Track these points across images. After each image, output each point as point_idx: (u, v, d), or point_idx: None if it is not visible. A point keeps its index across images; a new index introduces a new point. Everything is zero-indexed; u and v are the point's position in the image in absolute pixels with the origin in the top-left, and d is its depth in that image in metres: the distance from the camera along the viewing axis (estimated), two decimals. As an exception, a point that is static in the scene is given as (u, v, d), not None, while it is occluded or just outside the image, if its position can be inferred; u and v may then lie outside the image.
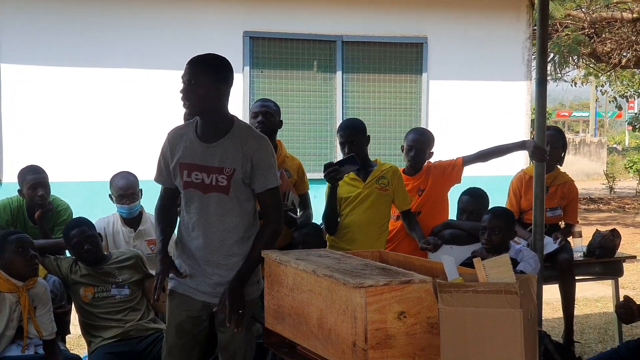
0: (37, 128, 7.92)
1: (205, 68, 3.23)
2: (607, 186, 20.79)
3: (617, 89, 23.57)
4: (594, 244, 5.26)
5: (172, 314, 3.49)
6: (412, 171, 4.75)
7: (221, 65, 3.29)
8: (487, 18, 9.12)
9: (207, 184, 3.30)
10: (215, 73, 3.24)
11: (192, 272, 3.42)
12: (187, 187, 3.35)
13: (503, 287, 2.36)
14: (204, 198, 3.32)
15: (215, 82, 3.23)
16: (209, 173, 3.29)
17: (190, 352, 3.49)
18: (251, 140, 3.29)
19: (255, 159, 3.27)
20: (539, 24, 4.63)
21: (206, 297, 3.40)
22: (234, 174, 3.27)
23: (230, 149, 3.27)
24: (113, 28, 8.08)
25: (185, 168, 3.33)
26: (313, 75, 8.66)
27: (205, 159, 3.29)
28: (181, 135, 3.39)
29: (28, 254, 3.76)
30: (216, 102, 3.26)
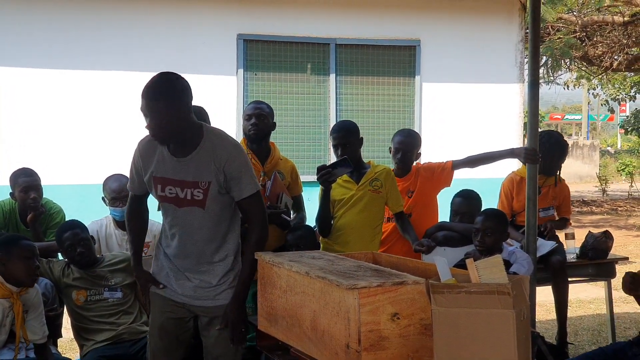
0: (30, 131, 7.89)
1: (167, 102, 3.12)
2: (600, 189, 20.87)
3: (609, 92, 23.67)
4: (586, 246, 5.28)
5: (155, 315, 3.49)
6: (400, 172, 4.75)
7: (179, 91, 3.17)
8: (480, 21, 9.13)
9: (181, 198, 3.27)
10: (178, 102, 3.14)
11: (173, 275, 3.41)
12: (162, 201, 3.36)
13: (496, 288, 2.37)
14: (178, 212, 3.31)
15: (179, 112, 3.14)
16: (183, 187, 3.26)
17: (175, 353, 3.49)
18: (222, 150, 3.23)
19: (228, 170, 3.23)
20: (530, 27, 4.65)
21: (188, 299, 3.39)
22: (209, 187, 3.24)
23: (202, 162, 3.23)
24: (107, 31, 8.07)
25: (159, 182, 3.30)
26: (307, 77, 8.66)
27: (179, 174, 3.26)
28: (153, 147, 3.32)
29: (33, 263, 3.74)
30: (180, 125, 3.17)
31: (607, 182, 21.37)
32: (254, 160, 4.37)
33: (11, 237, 3.91)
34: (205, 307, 3.38)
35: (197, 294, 3.36)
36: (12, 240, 3.83)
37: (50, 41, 7.92)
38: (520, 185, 5.04)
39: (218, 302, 3.37)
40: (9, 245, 3.75)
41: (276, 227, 4.36)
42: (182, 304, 3.41)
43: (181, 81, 3.20)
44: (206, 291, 3.36)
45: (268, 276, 3.34)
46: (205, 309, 3.38)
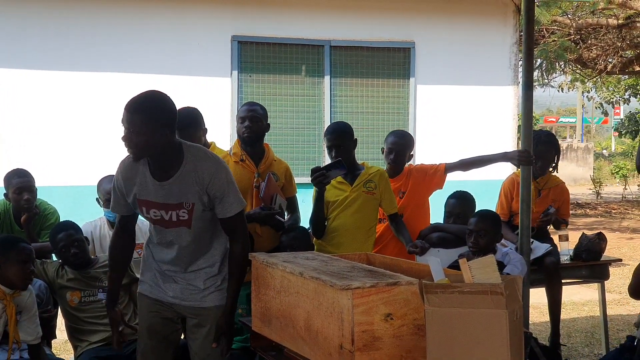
0: (25, 132, 7.88)
1: (144, 116, 3.07)
2: (594, 191, 20.91)
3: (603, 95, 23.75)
4: (580, 248, 5.28)
5: (143, 315, 3.50)
6: (392, 173, 4.76)
7: (159, 110, 3.13)
8: (474, 23, 9.16)
9: (166, 220, 3.28)
10: (156, 120, 3.09)
11: (161, 277, 3.42)
12: (149, 221, 3.38)
13: (489, 288, 2.37)
14: (166, 231, 3.33)
15: (155, 130, 3.08)
16: (167, 210, 3.25)
17: (164, 354, 3.50)
18: (204, 172, 3.21)
19: (211, 191, 3.22)
20: (524, 28, 4.66)
21: (176, 300, 3.41)
22: (194, 208, 3.24)
23: (185, 184, 3.21)
24: (102, 32, 8.06)
25: (143, 205, 3.29)
26: (301, 79, 8.67)
27: (162, 197, 3.24)
28: (133, 167, 3.28)
29: (29, 268, 3.73)
30: (159, 145, 3.12)
31: (601, 185, 21.41)
32: (248, 161, 4.37)
33: (9, 239, 3.88)
34: (193, 307, 3.38)
35: (184, 295, 3.38)
36: (10, 242, 3.80)
37: (45, 43, 7.91)
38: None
39: (205, 304, 3.37)
40: (7, 247, 3.73)
41: (270, 229, 4.36)
42: (170, 304, 3.42)
43: (166, 101, 3.16)
44: (193, 294, 3.37)
45: (262, 277, 3.35)
46: (193, 310, 3.39)
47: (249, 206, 4.33)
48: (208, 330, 3.37)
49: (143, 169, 3.26)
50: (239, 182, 4.30)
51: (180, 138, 4.50)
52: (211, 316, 3.37)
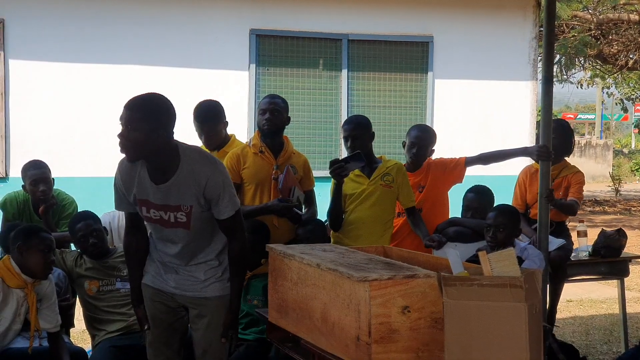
0: (44, 123, 7.93)
1: (143, 115, 3.08)
2: (613, 188, 20.74)
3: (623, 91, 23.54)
4: (599, 244, 5.24)
5: (147, 305, 3.50)
6: (412, 167, 4.74)
7: (159, 109, 3.14)
8: (494, 17, 9.10)
9: (165, 220, 3.29)
10: (155, 120, 3.09)
11: (162, 268, 3.44)
12: (148, 221, 3.38)
13: (508, 281, 2.36)
14: (165, 231, 3.34)
15: (153, 130, 3.08)
16: (167, 211, 3.26)
17: (171, 341, 3.51)
18: (200, 175, 3.20)
19: (207, 194, 3.22)
20: (545, 21, 4.62)
21: (177, 290, 3.42)
22: (192, 211, 3.25)
23: (182, 187, 3.21)
24: (119, 24, 8.09)
25: (143, 204, 3.30)
26: (319, 73, 8.66)
27: (161, 199, 3.25)
28: (132, 167, 3.28)
29: (49, 257, 3.76)
30: (155, 146, 3.12)
31: (620, 182, 21.24)
32: (267, 153, 4.37)
33: (31, 228, 3.92)
34: (194, 297, 3.39)
35: (186, 285, 3.39)
36: (32, 231, 3.84)
37: (63, 35, 7.95)
38: (535, 176, 4.98)
39: (206, 294, 3.37)
40: (29, 236, 3.77)
41: (287, 221, 4.37)
42: (171, 294, 3.43)
43: (165, 103, 3.17)
44: (194, 284, 3.38)
45: (279, 268, 3.35)
46: (194, 300, 3.39)
47: (267, 198, 4.34)
48: (209, 320, 3.38)
49: (141, 170, 3.26)
50: (258, 173, 4.35)
51: (201, 131, 4.54)
52: (212, 307, 3.38)
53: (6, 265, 3.75)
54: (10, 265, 3.74)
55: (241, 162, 4.37)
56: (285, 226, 4.37)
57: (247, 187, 4.37)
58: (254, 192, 4.36)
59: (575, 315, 6.84)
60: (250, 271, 4.17)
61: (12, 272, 3.73)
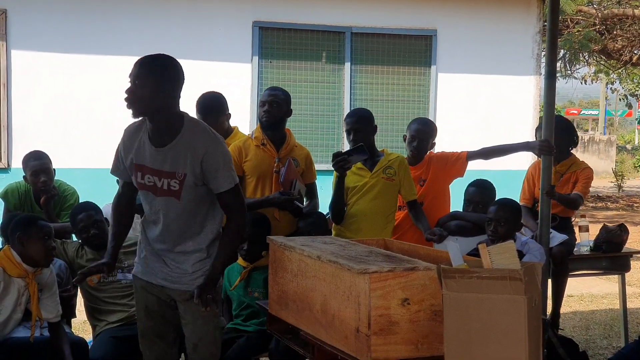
0: (46, 114, 7.93)
1: (151, 69, 3.14)
2: (616, 184, 20.71)
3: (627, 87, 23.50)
4: (601, 239, 5.24)
5: (139, 297, 3.49)
6: (413, 161, 4.74)
7: (168, 66, 3.19)
8: (497, 11, 9.09)
9: (158, 187, 3.26)
10: (161, 74, 3.14)
11: (151, 259, 3.39)
12: (141, 188, 3.34)
13: (507, 274, 2.36)
14: (156, 200, 3.30)
15: (160, 85, 3.13)
16: (161, 177, 3.25)
17: (164, 333, 3.47)
18: (199, 144, 3.20)
19: (205, 164, 3.20)
20: (549, 15, 4.61)
21: (165, 282, 3.36)
22: (185, 179, 3.22)
23: (180, 154, 3.21)
24: (122, 16, 8.09)
25: (138, 169, 3.30)
26: (322, 66, 8.65)
27: (157, 163, 3.24)
28: (135, 132, 3.32)
29: (50, 244, 3.78)
30: (161, 104, 3.15)
31: (623, 178, 21.20)
32: (269, 146, 4.37)
33: (29, 218, 3.94)
34: (181, 291, 3.33)
35: (173, 278, 3.34)
36: (30, 220, 3.86)
37: (65, 26, 7.95)
38: None
39: (193, 287, 3.27)
40: (28, 226, 3.78)
41: (288, 214, 4.37)
42: (160, 287, 3.38)
43: (176, 65, 3.22)
44: (181, 277, 3.33)
45: (279, 260, 3.36)
46: (181, 293, 3.33)
47: (269, 190, 4.35)
48: (197, 314, 3.31)
49: (143, 135, 3.29)
50: (260, 166, 4.35)
51: (204, 122, 4.53)
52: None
53: (7, 255, 3.77)
54: (11, 255, 3.75)
55: (243, 155, 4.37)
56: (286, 219, 4.37)
57: (249, 179, 4.38)
58: (255, 184, 4.37)
59: (576, 310, 6.85)
60: (251, 263, 4.18)
61: (13, 262, 3.75)
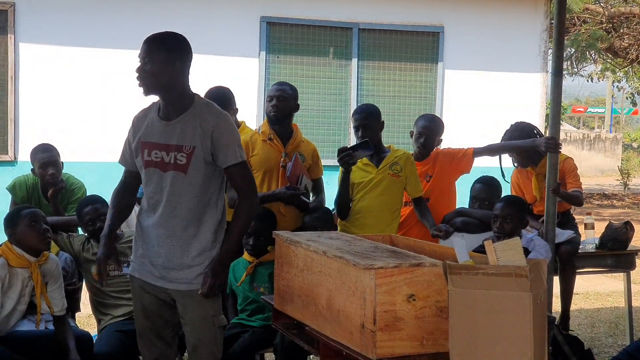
0: (53, 108, 7.96)
1: (159, 45, 3.20)
2: (622, 182, 20.67)
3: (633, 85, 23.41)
4: (606, 236, 5.23)
5: (136, 296, 3.44)
6: (420, 157, 4.74)
7: (176, 42, 3.26)
8: (505, 9, 9.07)
9: (166, 162, 3.25)
10: (170, 50, 3.20)
11: (148, 258, 3.33)
12: (148, 166, 3.30)
13: (513, 270, 2.36)
14: (162, 177, 3.26)
15: (169, 60, 3.18)
16: (168, 151, 3.24)
17: (162, 332, 3.43)
18: (210, 117, 3.23)
19: (215, 136, 3.20)
20: (556, 13, 4.61)
21: (162, 282, 3.30)
22: (193, 152, 3.21)
23: (189, 127, 3.22)
24: (130, 10, 8.09)
25: (145, 147, 3.30)
26: (329, 62, 8.65)
27: (165, 137, 3.25)
28: (143, 116, 3.39)
29: (40, 227, 3.79)
30: (171, 79, 3.20)
31: (629, 176, 21.16)
32: (275, 140, 4.38)
33: (14, 212, 3.97)
34: (180, 291, 3.28)
35: (172, 276, 3.27)
36: (14, 213, 3.90)
37: (73, 19, 7.96)
38: (528, 176, 5.07)
39: (192, 287, 3.25)
40: (13, 219, 3.84)
41: (294, 209, 4.37)
42: (158, 287, 3.33)
43: (183, 40, 3.29)
44: (179, 273, 3.26)
45: (285, 255, 3.36)
46: (180, 293, 3.28)
47: (275, 185, 4.35)
48: (197, 314, 3.27)
49: (151, 115, 3.34)
50: (266, 160, 4.35)
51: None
52: (199, 299, 3.24)
53: (8, 247, 3.81)
54: (11, 247, 3.80)
55: (250, 149, 4.37)
56: (292, 214, 4.38)
57: (255, 174, 4.37)
58: (261, 179, 4.37)
59: (581, 307, 6.84)
60: (256, 258, 4.18)
61: (14, 253, 3.79)
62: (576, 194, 4.95)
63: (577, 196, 4.96)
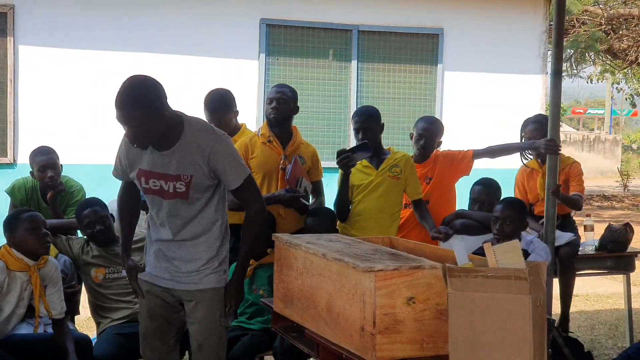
0: (52, 110, 7.95)
1: (137, 108, 3.05)
2: (621, 184, 20.67)
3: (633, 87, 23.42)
4: (606, 238, 5.22)
5: (143, 299, 3.47)
6: (420, 159, 4.74)
7: (149, 95, 3.09)
8: (504, 11, 9.07)
9: (165, 190, 3.26)
10: (149, 106, 3.07)
11: (158, 260, 3.38)
12: (147, 193, 3.34)
13: (513, 273, 2.36)
14: (164, 203, 3.30)
15: (153, 115, 3.08)
16: (167, 180, 3.25)
17: (166, 336, 3.46)
18: (204, 142, 3.20)
19: (212, 163, 3.21)
20: (555, 14, 4.61)
21: (172, 284, 3.35)
22: (192, 180, 3.23)
23: (185, 156, 3.21)
24: (129, 12, 8.09)
25: (142, 175, 3.29)
26: (328, 64, 8.65)
27: (162, 167, 3.24)
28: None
29: (40, 232, 3.78)
30: (160, 126, 3.13)
31: (628, 178, 21.16)
32: (275, 143, 4.38)
33: (13, 215, 3.95)
34: (189, 291, 3.32)
35: (182, 279, 3.32)
36: (14, 217, 3.88)
37: (72, 22, 7.96)
38: (531, 175, 5.07)
39: (201, 286, 3.30)
40: (12, 223, 3.82)
41: (294, 211, 4.37)
42: (167, 288, 3.37)
43: (152, 83, 3.15)
44: (189, 276, 3.31)
45: (285, 258, 3.36)
46: (189, 293, 3.32)
47: (274, 188, 4.35)
48: (203, 314, 3.31)
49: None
50: (266, 163, 4.35)
51: (211, 119, 4.53)
52: (207, 299, 3.30)
53: (7, 251, 3.80)
54: (10, 250, 3.79)
55: (249, 151, 4.37)
56: (291, 216, 4.37)
57: (255, 176, 4.35)
58: (261, 181, 4.37)
59: (581, 310, 6.84)
60: (256, 261, 4.18)
61: (13, 256, 3.78)
62: (576, 198, 4.96)
63: (576, 200, 4.97)
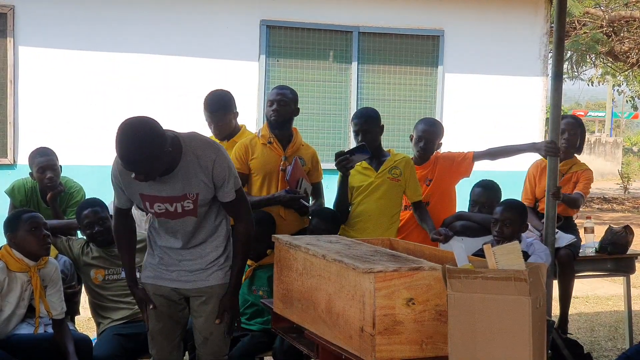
0: (52, 111, 7.94)
1: (142, 151, 3.04)
2: (622, 186, 20.67)
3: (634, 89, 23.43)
4: (606, 240, 5.22)
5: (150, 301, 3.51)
6: (420, 161, 4.75)
7: (153, 141, 3.07)
8: (505, 12, 9.07)
9: (171, 211, 3.31)
10: (157, 152, 3.08)
11: (165, 262, 3.45)
12: (154, 216, 3.40)
13: (512, 274, 2.36)
14: (171, 222, 3.36)
15: (160, 156, 3.10)
16: (172, 202, 3.28)
17: (172, 335, 3.54)
18: (205, 158, 3.24)
19: (215, 178, 3.27)
20: (556, 16, 4.61)
21: (179, 283, 3.43)
22: (198, 197, 3.28)
23: (189, 175, 3.24)
24: (130, 13, 8.09)
25: (146, 200, 3.32)
26: (329, 65, 8.64)
27: (166, 190, 3.27)
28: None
29: (41, 233, 3.78)
30: (166, 160, 3.15)
31: (629, 180, 21.16)
32: (275, 144, 4.38)
33: (13, 216, 3.95)
34: (197, 288, 3.42)
35: (189, 277, 3.41)
36: (15, 217, 3.88)
37: (72, 22, 7.95)
38: (545, 170, 5.03)
39: (208, 283, 3.40)
40: (13, 224, 3.82)
41: (294, 213, 4.37)
42: (172, 288, 3.45)
43: (150, 124, 3.13)
44: (197, 274, 3.40)
45: (285, 259, 3.36)
46: (197, 290, 3.42)
47: (275, 189, 4.35)
48: (212, 308, 3.41)
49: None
50: (266, 164, 4.35)
51: (211, 120, 4.54)
52: (214, 294, 3.41)
53: (7, 251, 3.80)
54: (11, 251, 3.79)
55: (249, 153, 4.37)
56: (291, 217, 4.37)
57: (255, 177, 4.38)
58: (261, 182, 4.37)
59: (581, 311, 6.84)
60: (255, 262, 4.18)
61: (13, 257, 3.78)
62: (575, 197, 4.99)
63: (576, 199, 4.99)
